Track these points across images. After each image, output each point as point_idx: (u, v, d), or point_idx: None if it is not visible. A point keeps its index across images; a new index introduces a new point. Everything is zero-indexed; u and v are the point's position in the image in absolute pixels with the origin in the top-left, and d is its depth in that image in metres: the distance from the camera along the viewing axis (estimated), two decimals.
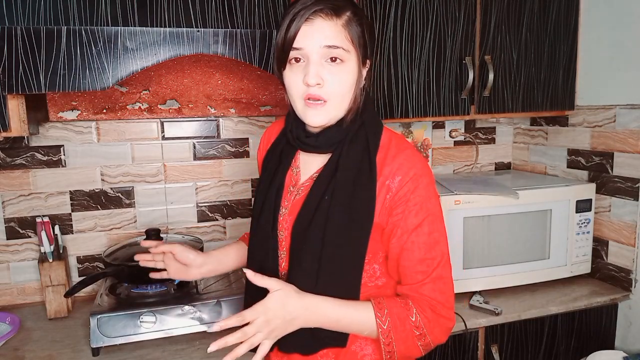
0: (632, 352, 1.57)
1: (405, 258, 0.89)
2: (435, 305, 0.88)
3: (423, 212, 0.88)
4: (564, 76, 1.70)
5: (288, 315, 0.84)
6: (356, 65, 0.88)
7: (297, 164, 0.99)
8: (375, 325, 0.87)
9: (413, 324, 0.87)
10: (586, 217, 1.65)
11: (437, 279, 0.89)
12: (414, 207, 0.88)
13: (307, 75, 0.84)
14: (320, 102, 0.86)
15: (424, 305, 0.88)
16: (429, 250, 0.89)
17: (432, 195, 0.90)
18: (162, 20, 1.23)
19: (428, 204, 0.89)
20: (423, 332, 0.87)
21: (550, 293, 1.61)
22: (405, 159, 0.90)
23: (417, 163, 0.90)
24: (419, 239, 0.88)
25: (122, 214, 1.65)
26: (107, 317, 1.27)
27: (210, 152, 1.72)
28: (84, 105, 1.58)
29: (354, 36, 0.86)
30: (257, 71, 1.70)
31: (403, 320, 0.87)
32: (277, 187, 0.97)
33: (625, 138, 1.58)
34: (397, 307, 0.88)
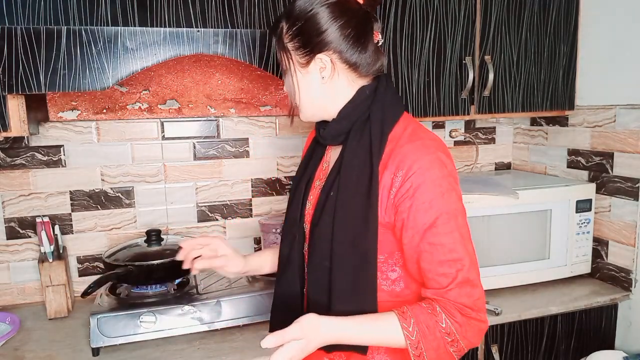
0: (632, 352, 1.56)
1: (424, 260, 0.85)
2: (464, 309, 0.84)
3: (434, 210, 0.84)
4: (564, 76, 1.70)
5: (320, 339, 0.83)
6: (295, 71, 0.93)
7: (327, 158, 1.03)
8: (402, 337, 0.83)
9: (444, 330, 0.83)
10: (586, 217, 1.65)
11: (463, 283, 0.84)
12: (422, 205, 0.83)
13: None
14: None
15: (452, 309, 0.84)
16: (449, 251, 0.84)
17: (445, 191, 0.84)
18: (162, 20, 1.23)
19: (440, 201, 0.84)
20: (455, 338, 0.83)
21: (550, 293, 1.61)
22: (412, 151, 0.86)
23: (425, 155, 0.85)
24: (436, 239, 0.84)
25: (122, 214, 1.65)
26: (107, 317, 1.27)
27: (210, 152, 1.72)
28: (84, 105, 1.58)
29: (285, 45, 0.92)
30: (257, 71, 1.70)
31: (432, 328, 0.83)
32: (306, 181, 1.02)
33: (625, 138, 1.58)
34: (424, 315, 0.84)
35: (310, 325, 0.83)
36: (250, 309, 1.39)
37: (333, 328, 0.84)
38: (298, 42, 0.91)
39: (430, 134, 0.91)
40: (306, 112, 0.97)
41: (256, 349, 1.28)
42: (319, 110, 0.96)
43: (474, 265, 0.86)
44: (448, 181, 0.85)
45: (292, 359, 0.83)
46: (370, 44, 0.92)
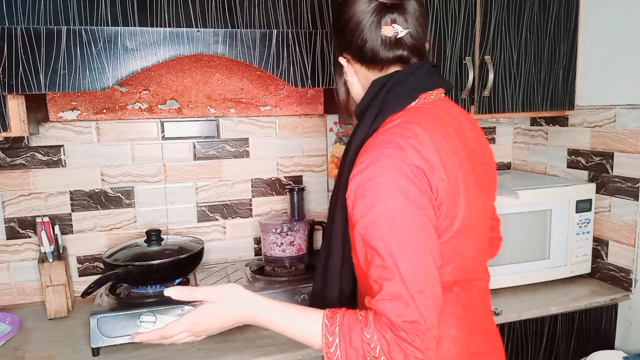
0: (632, 352, 1.57)
1: (363, 263, 0.81)
2: (395, 326, 0.72)
3: (369, 210, 0.77)
4: (564, 76, 1.70)
5: (221, 325, 0.83)
6: (337, 67, 0.98)
7: None
8: (319, 335, 0.75)
9: (366, 341, 0.72)
10: (586, 217, 1.65)
11: (395, 297, 0.73)
12: (359, 201, 0.78)
13: None
14: None
15: (382, 323, 0.73)
16: (379, 257, 0.76)
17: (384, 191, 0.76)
18: (162, 20, 1.23)
19: (376, 201, 0.76)
20: (378, 356, 0.72)
21: (550, 293, 1.61)
22: (368, 144, 0.83)
23: (373, 152, 0.80)
24: (370, 242, 0.77)
25: (122, 214, 1.65)
26: (107, 317, 1.27)
27: (210, 152, 1.72)
28: (84, 105, 1.58)
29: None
30: (257, 71, 1.70)
31: (355, 334, 0.73)
32: None
33: (625, 138, 1.58)
34: (352, 318, 0.75)
35: (231, 293, 0.82)
36: None
37: (253, 303, 0.82)
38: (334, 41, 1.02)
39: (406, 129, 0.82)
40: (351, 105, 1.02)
41: (256, 349, 1.28)
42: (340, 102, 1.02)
43: (412, 281, 0.73)
44: (392, 182, 0.76)
45: (198, 324, 0.81)
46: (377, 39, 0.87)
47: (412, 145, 0.78)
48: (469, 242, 0.88)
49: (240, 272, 1.59)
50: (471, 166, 0.88)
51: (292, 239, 1.58)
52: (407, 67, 0.89)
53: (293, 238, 1.58)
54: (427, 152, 0.79)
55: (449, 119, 0.89)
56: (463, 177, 0.84)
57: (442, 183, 0.79)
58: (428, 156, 0.79)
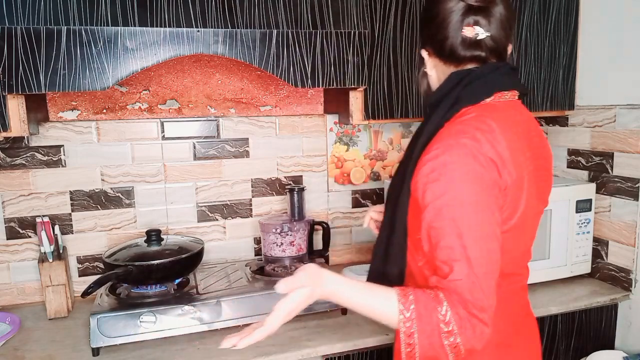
0: (632, 352, 1.57)
1: (431, 242, 0.84)
2: (467, 303, 0.78)
3: (441, 195, 0.82)
4: (564, 76, 1.70)
5: (320, 290, 0.85)
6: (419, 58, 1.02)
7: None
8: (396, 312, 0.79)
9: (441, 318, 0.78)
10: (586, 217, 1.65)
11: (465, 276, 0.79)
12: (432, 184, 0.83)
13: None
14: None
15: (455, 301, 0.79)
16: (448, 240, 0.81)
17: (457, 178, 0.81)
18: (162, 20, 1.23)
19: (448, 187, 0.82)
20: (452, 330, 0.77)
21: (550, 293, 1.61)
22: (443, 133, 0.87)
23: (448, 140, 0.85)
24: (439, 223, 0.82)
25: (122, 214, 1.65)
26: (107, 317, 1.27)
27: (210, 152, 1.72)
28: (84, 105, 1.58)
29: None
30: (257, 71, 1.70)
31: (430, 311, 0.78)
32: None
33: (625, 138, 1.58)
34: (424, 296, 0.80)
35: (315, 274, 0.85)
36: (250, 309, 1.39)
37: (332, 281, 0.86)
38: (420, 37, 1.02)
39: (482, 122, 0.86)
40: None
41: (256, 348, 1.28)
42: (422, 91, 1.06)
43: (480, 263, 0.80)
44: (464, 170, 0.82)
45: (299, 306, 0.84)
46: (457, 38, 0.91)
47: (488, 138, 0.83)
48: (520, 239, 0.94)
49: (240, 272, 1.59)
50: (534, 168, 0.93)
51: (292, 239, 1.58)
52: (487, 65, 0.93)
53: (293, 238, 1.58)
54: (500, 147, 0.84)
55: (520, 120, 0.94)
56: (527, 177, 0.89)
57: (511, 178, 0.84)
58: (501, 151, 0.84)
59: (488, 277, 0.80)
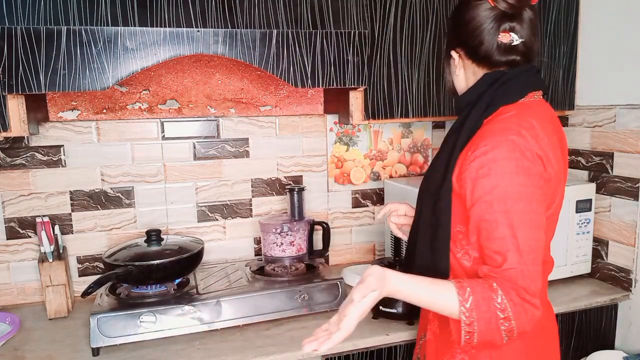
0: (632, 352, 1.57)
1: (482, 235, 0.89)
2: (520, 290, 0.84)
3: (493, 188, 0.86)
4: (564, 76, 1.70)
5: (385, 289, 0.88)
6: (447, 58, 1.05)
7: None
8: (457, 303, 0.84)
9: (498, 306, 0.83)
10: (586, 217, 1.65)
11: (518, 265, 0.84)
12: (483, 181, 0.87)
13: None
14: None
15: (508, 288, 0.84)
16: (500, 231, 0.86)
17: (507, 172, 0.86)
18: (162, 20, 1.23)
19: (500, 181, 0.86)
20: (508, 316, 0.83)
21: (550, 293, 1.58)
22: (488, 131, 0.91)
23: (497, 136, 0.88)
24: (491, 216, 0.87)
25: (122, 214, 1.65)
26: (107, 317, 1.27)
27: (210, 152, 1.72)
28: (84, 105, 1.58)
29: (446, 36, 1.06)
30: (257, 71, 1.70)
31: (487, 301, 0.83)
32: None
33: (625, 138, 1.58)
34: (480, 287, 0.85)
35: (381, 276, 0.88)
36: (250, 309, 1.39)
37: (396, 280, 0.89)
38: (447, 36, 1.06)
39: (524, 120, 0.91)
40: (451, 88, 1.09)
41: (256, 348, 1.28)
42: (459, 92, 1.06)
43: (530, 252, 0.86)
44: (515, 164, 0.86)
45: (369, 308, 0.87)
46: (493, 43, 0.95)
47: (532, 135, 0.89)
48: (552, 228, 1.03)
49: (240, 272, 1.59)
50: (564, 163, 1.00)
51: (292, 239, 1.58)
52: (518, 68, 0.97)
53: (293, 238, 1.58)
54: (542, 142, 0.90)
55: (550, 117, 0.99)
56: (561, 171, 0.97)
57: (553, 171, 0.91)
58: (544, 146, 0.90)
59: (536, 263, 0.86)
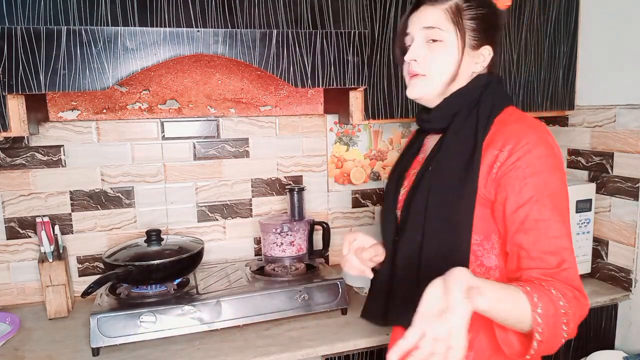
0: (632, 352, 1.57)
1: (528, 237, 0.83)
2: (574, 290, 0.81)
3: (541, 185, 0.83)
4: (564, 76, 1.70)
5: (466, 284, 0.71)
6: (457, 47, 0.92)
7: (424, 148, 1.05)
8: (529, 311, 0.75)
9: (563, 311, 0.77)
10: (586, 217, 1.65)
11: (573, 261, 0.82)
12: (530, 179, 0.83)
13: (407, 54, 0.96)
14: (417, 76, 0.95)
15: (565, 290, 0.79)
16: (555, 230, 0.82)
17: (552, 169, 0.85)
18: (162, 20, 1.23)
19: (547, 177, 0.84)
20: (570, 319, 0.78)
21: None
22: (520, 128, 0.88)
23: (533, 133, 0.86)
24: (542, 215, 0.83)
25: (122, 214, 1.65)
26: (107, 317, 1.27)
27: (210, 152, 1.72)
28: (84, 105, 1.58)
29: (458, 19, 0.92)
30: (257, 71, 1.70)
31: (552, 306, 0.76)
32: (400, 171, 1.06)
33: (625, 138, 1.58)
34: (541, 292, 0.77)
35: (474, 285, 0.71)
36: (250, 309, 1.39)
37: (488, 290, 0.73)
38: (476, 25, 0.93)
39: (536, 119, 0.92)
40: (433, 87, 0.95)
41: (257, 348, 1.28)
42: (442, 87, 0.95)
43: (574, 250, 0.85)
44: (555, 161, 0.86)
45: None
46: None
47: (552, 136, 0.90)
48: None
49: (240, 272, 1.59)
50: None
51: (292, 239, 1.58)
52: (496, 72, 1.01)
53: (293, 238, 1.58)
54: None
55: None
56: None
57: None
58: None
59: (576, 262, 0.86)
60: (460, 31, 0.92)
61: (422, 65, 0.95)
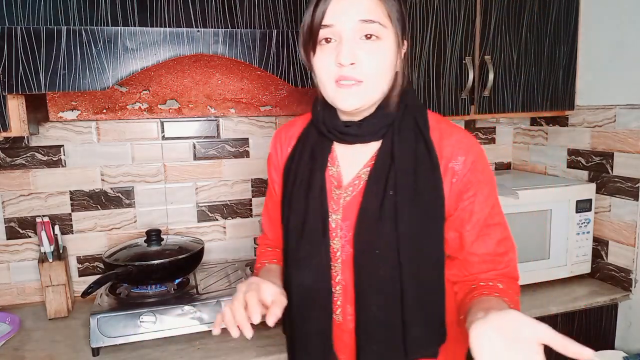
0: (632, 352, 1.57)
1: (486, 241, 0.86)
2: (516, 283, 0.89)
3: (494, 190, 0.87)
4: (564, 76, 1.70)
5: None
6: (394, 44, 0.79)
7: (335, 162, 0.89)
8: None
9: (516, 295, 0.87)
10: (586, 217, 1.65)
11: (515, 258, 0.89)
12: (487, 186, 0.85)
13: (340, 55, 0.76)
14: (354, 83, 0.78)
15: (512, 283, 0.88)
16: (503, 229, 0.88)
17: (492, 174, 0.89)
18: (162, 20, 1.23)
19: (494, 182, 0.88)
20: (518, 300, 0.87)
21: (550, 293, 1.61)
22: (464, 137, 0.85)
23: (475, 142, 0.87)
24: (497, 219, 0.87)
25: (122, 214, 1.65)
26: (107, 317, 1.27)
27: (210, 152, 1.72)
28: (84, 105, 1.58)
29: (391, 10, 0.77)
30: (257, 71, 1.70)
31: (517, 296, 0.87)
32: (319, 189, 0.86)
33: (625, 138, 1.58)
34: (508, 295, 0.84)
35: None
36: None
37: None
38: (401, 17, 0.80)
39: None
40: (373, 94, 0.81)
41: (257, 348, 1.28)
42: (381, 95, 0.83)
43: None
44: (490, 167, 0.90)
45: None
46: None
47: None
48: None
49: (240, 272, 1.59)
50: None
51: None
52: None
53: None
54: None
55: None
56: None
57: None
58: None
59: None
60: (392, 24, 0.78)
61: (360, 69, 0.77)
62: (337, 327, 0.89)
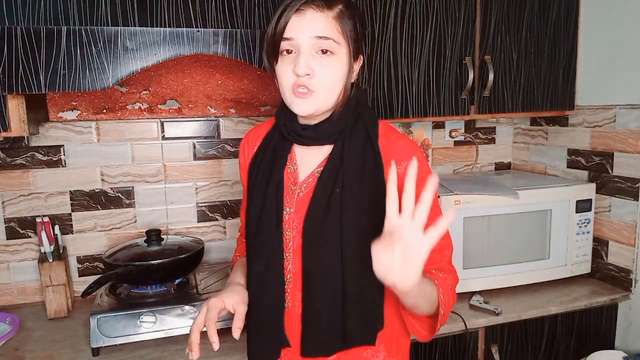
0: (632, 352, 1.57)
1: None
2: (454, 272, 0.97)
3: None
4: (564, 76, 1.70)
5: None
6: (347, 59, 0.88)
7: (293, 161, 0.99)
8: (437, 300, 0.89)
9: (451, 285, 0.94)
10: (586, 217, 1.65)
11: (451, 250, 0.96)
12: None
13: (297, 66, 0.85)
14: (307, 92, 0.86)
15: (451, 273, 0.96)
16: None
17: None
18: (162, 20, 1.23)
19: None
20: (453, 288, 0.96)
21: (550, 293, 1.61)
22: (407, 144, 0.95)
23: (418, 149, 0.95)
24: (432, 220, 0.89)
25: (122, 214, 1.65)
26: (107, 317, 1.27)
27: (210, 152, 1.72)
28: (84, 105, 1.58)
29: (345, 29, 0.87)
30: (257, 71, 1.70)
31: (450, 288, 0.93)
32: (277, 184, 0.95)
33: (625, 138, 1.58)
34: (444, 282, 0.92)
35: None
36: None
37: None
38: (355, 36, 0.89)
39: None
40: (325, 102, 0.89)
41: None
42: (332, 104, 0.91)
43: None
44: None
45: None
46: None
47: None
48: None
49: None
50: None
51: None
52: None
53: None
54: None
55: None
56: None
57: None
58: None
59: None
60: (346, 41, 0.88)
61: (315, 80, 0.86)
62: (286, 314, 0.96)
